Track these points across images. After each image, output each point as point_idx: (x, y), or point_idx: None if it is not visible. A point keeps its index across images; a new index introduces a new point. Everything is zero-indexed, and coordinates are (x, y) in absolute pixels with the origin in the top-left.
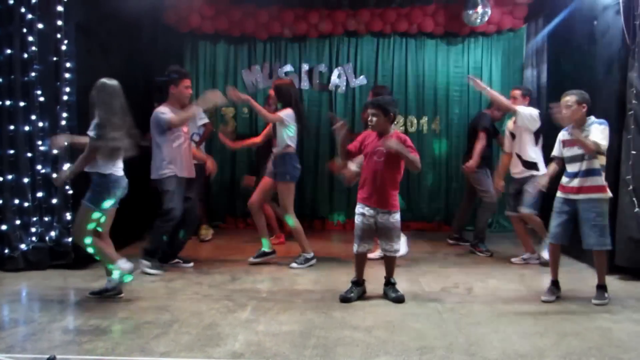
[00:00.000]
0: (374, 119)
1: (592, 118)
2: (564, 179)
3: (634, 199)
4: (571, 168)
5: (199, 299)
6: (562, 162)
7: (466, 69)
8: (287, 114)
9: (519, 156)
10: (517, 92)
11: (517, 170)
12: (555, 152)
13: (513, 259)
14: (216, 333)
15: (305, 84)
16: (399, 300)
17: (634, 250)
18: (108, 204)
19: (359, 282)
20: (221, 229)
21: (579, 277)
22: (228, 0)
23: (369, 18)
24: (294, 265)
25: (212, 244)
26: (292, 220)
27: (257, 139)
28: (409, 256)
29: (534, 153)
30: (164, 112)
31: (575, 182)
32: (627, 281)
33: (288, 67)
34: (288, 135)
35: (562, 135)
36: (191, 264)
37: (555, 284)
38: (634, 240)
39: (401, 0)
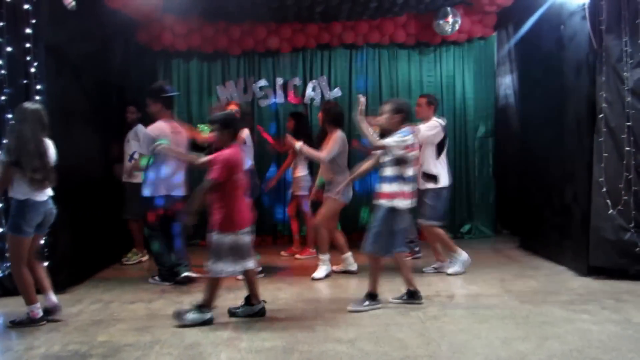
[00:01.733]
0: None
1: (405, 128)
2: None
3: (608, 200)
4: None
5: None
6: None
7: (439, 77)
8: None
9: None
10: (423, 100)
11: (419, 182)
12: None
13: (425, 269)
14: (198, 352)
15: (280, 99)
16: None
17: (608, 251)
18: (28, 230)
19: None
20: (201, 247)
21: (558, 279)
22: (200, 18)
23: (341, 30)
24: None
25: (192, 261)
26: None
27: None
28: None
29: (434, 166)
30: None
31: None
32: (603, 281)
33: (262, 82)
34: None
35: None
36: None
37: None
38: (609, 241)
39: (372, 12)
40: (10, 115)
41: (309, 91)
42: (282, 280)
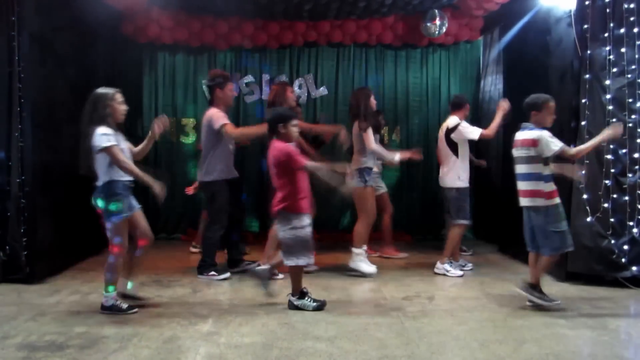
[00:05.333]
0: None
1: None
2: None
3: (587, 207)
4: None
5: (159, 312)
6: None
7: (425, 79)
8: None
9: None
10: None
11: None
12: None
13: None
14: (177, 346)
15: (266, 95)
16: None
17: (586, 257)
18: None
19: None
20: (182, 241)
21: None
22: (187, 11)
23: (328, 29)
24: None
25: (174, 256)
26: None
27: None
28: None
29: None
30: (218, 116)
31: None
32: (581, 287)
33: (249, 78)
34: None
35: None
36: (227, 275)
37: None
38: (587, 247)
39: (361, 12)
40: None
41: (295, 88)
42: None
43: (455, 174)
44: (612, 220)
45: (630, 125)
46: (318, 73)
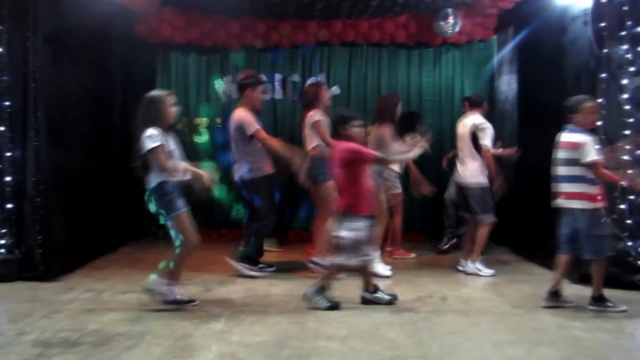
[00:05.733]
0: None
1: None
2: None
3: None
4: None
5: (171, 310)
6: None
7: (438, 79)
8: None
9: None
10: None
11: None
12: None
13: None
14: (189, 344)
15: (278, 95)
16: None
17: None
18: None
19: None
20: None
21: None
22: (199, 11)
23: (340, 28)
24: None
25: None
26: None
27: None
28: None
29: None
30: (250, 120)
31: None
32: None
33: (261, 78)
34: None
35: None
36: (274, 268)
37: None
38: None
39: (373, 11)
40: (7, 103)
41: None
42: (275, 276)
43: (479, 171)
44: (628, 222)
45: None
46: (330, 72)
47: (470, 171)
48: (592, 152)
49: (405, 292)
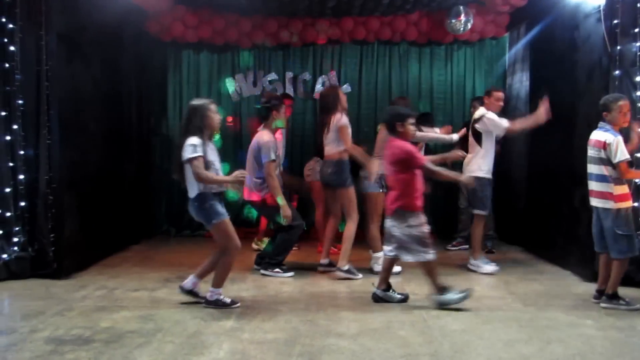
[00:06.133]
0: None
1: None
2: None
3: None
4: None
5: (183, 307)
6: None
7: (450, 77)
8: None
9: None
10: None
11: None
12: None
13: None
14: (200, 341)
15: (290, 93)
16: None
17: None
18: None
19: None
20: (205, 238)
21: (562, 284)
22: (211, 10)
23: (352, 26)
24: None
25: (197, 252)
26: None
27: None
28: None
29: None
30: (269, 142)
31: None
32: None
33: (272, 75)
34: None
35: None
36: (291, 273)
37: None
38: None
39: (384, 9)
40: (20, 102)
41: (318, 86)
42: None
43: (476, 163)
44: None
45: None
46: (341, 70)
47: (467, 163)
48: (619, 152)
49: (416, 289)
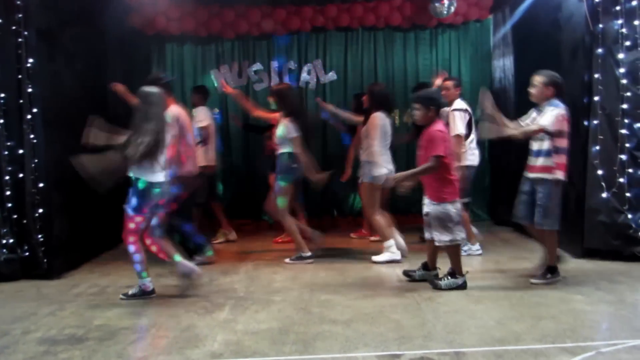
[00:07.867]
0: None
1: (554, 101)
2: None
3: (602, 183)
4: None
5: (176, 301)
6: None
7: (435, 60)
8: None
9: None
10: (450, 84)
11: None
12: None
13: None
14: (194, 334)
15: (275, 82)
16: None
17: (603, 233)
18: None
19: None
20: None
21: None
22: (193, 1)
23: (336, 13)
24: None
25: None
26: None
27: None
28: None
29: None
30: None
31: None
32: (597, 263)
33: (257, 66)
34: None
35: (533, 112)
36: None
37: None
38: (603, 223)
39: None
40: (2, 101)
41: (303, 75)
42: (277, 264)
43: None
44: (628, 195)
45: None
46: (327, 58)
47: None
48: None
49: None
